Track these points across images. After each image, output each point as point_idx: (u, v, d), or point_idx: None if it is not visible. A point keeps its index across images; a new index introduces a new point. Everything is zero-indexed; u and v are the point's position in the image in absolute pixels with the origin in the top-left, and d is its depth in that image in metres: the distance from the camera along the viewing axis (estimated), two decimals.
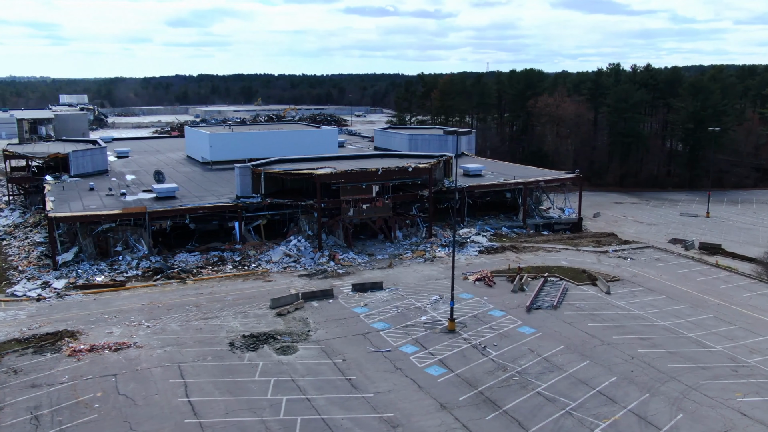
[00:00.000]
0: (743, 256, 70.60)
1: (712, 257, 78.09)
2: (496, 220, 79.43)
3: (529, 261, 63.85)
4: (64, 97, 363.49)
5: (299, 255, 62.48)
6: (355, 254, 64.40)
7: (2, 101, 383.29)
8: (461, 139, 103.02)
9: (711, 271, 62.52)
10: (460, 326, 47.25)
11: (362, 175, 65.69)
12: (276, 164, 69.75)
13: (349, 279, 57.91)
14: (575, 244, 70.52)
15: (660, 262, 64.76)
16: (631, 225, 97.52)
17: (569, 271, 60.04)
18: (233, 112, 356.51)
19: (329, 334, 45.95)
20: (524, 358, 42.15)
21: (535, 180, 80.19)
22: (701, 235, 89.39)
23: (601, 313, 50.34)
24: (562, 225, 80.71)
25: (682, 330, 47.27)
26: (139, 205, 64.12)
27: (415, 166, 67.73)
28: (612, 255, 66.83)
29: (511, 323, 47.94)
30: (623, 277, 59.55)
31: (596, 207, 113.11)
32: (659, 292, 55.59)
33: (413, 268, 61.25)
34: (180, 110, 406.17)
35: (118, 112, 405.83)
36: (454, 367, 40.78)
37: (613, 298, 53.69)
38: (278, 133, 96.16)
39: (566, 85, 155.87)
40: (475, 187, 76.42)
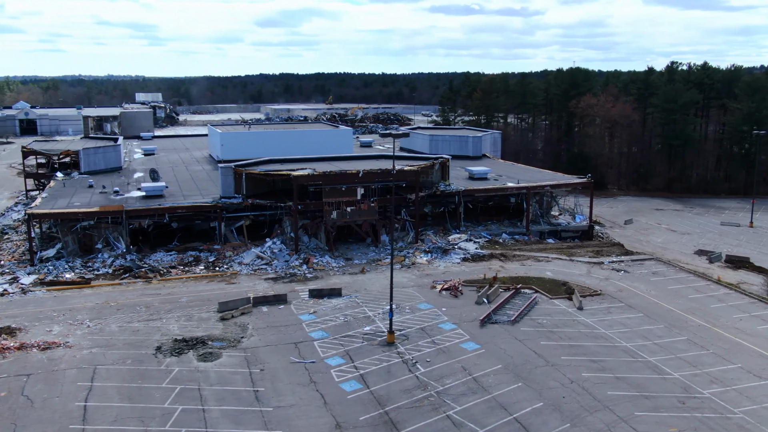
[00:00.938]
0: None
1: (736, 271, 72.51)
2: (498, 226, 76.03)
3: (513, 271, 60.52)
4: (140, 95, 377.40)
5: (272, 257, 61.46)
6: (333, 258, 62.86)
7: (88, 99, 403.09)
8: (483, 140, 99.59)
9: (709, 287, 57.42)
10: (401, 339, 44.98)
11: (342, 177, 64.04)
12: (262, 164, 69.00)
13: (315, 284, 56.41)
14: (571, 253, 66.45)
15: (656, 276, 60.06)
16: (662, 234, 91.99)
17: (548, 283, 56.45)
18: (302, 110, 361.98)
19: (262, 341, 44.64)
20: (452, 377, 39.54)
21: (540, 184, 76.18)
22: (736, 247, 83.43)
23: (562, 330, 46.85)
24: (570, 233, 76.42)
25: (643, 353, 43.33)
26: (124, 203, 64.73)
27: (399, 169, 65.50)
28: (606, 267, 62.53)
29: (456, 338, 45.25)
30: (607, 291, 55.48)
31: (633, 213, 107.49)
32: (639, 309, 51.37)
33: (385, 275, 59.06)
34: (252, 108, 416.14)
35: (193, 110, 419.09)
36: (372, 384, 38.66)
37: (584, 315, 49.97)
38: (291, 133, 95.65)
39: (617, 84, 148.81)
40: (473, 191, 73.31)
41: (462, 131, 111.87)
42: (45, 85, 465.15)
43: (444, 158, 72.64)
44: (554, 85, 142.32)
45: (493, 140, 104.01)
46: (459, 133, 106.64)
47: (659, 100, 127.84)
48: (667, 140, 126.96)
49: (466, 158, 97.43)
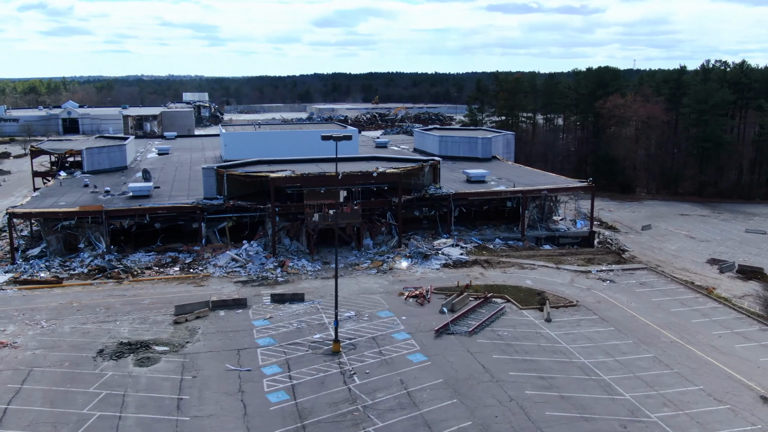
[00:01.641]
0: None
1: (746, 282, 68.80)
2: (493, 231, 73.70)
3: (492, 278, 58.32)
4: (187, 95, 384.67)
5: (248, 260, 60.83)
6: (310, 262, 61.85)
7: (141, 99, 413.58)
8: (494, 141, 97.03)
9: (696, 300, 54.04)
10: (348, 348, 43.60)
11: (321, 179, 62.95)
12: (249, 165, 68.53)
13: (282, 288, 55.50)
14: (560, 261, 63.72)
15: (642, 287, 56.92)
16: (678, 240, 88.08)
17: (522, 293, 54.12)
18: (346, 109, 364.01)
19: (206, 347, 43.94)
20: (386, 391, 37.98)
21: (536, 188, 73.42)
22: (755, 256, 79.74)
23: (521, 343, 44.64)
24: (570, 239, 73.42)
25: (600, 371, 40.83)
26: (109, 203, 65.19)
27: (380, 172, 63.98)
28: (592, 276, 59.67)
29: (406, 349, 43.60)
30: (585, 302, 52.80)
31: (656, 219, 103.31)
32: (611, 322, 48.64)
33: (358, 280, 57.78)
34: (298, 108, 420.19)
35: (240, 109, 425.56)
36: (301, 395, 37.45)
37: (550, 327, 47.58)
38: (295, 133, 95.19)
39: (651, 84, 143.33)
40: (465, 194, 71.16)
41: (474, 132, 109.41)
42: (99, 84, 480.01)
43: (434, 160, 70.74)
44: (582, 85, 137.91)
45: (505, 142, 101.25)
46: (469, 134, 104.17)
47: (690, 100, 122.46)
48: (698, 142, 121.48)
49: (474, 160, 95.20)
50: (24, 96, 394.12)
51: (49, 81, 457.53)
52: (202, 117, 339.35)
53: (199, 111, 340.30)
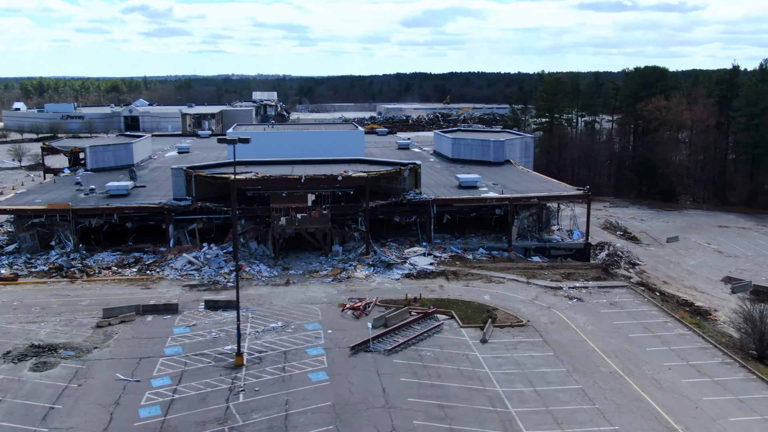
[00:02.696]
0: None
1: (755, 305, 62.38)
2: (480, 240, 69.77)
3: (450, 291, 54.79)
4: (256, 94, 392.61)
5: (204, 263, 59.67)
6: (270, 267, 60.10)
7: (218, 98, 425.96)
8: (507, 145, 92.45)
9: (664, 326, 48.71)
10: (253, 362, 41.53)
11: (283, 182, 61.06)
12: (223, 167, 67.44)
13: (224, 294, 53.95)
14: (534, 274, 59.29)
15: (610, 308, 51.96)
16: (702, 255, 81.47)
17: (471, 309, 50.43)
18: (413, 109, 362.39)
19: (112, 353, 42.89)
20: (264, 412, 35.70)
21: (525, 196, 68.87)
22: None
23: (439, 366, 41.27)
24: (562, 251, 68.51)
25: (509, 402, 37.08)
26: (84, 202, 65.66)
27: (346, 176, 61.40)
28: (562, 293, 55.07)
29: (312, 366, 41.11)
30: (537, 322, 48.61)
31: (689, 230, 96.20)
32: (553, 346, 44.40)
33: (308, 288, 55.56)
34: (368, 107, 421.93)
35: (311, 108, 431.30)
36: (174, 411, 35.69)
37: (481, 349, 43.91)
38: (300, 134, 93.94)
39: (706, 85, 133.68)
40: (446, 200, 67.61)
41: (493, 135, 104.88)
42: (178, 84, 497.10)
43: (415, 164, 67.48)
44: (627, 85, 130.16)
45: (524, 145, 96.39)
46: (484, 136, 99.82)
47: (740, 102, 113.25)
48: (747, 148, 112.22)
49: (486, 164, 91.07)
50: (107, 94, 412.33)
51: (131, 80, 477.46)
52: (267, 116, 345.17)
53: (264, 110, 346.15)
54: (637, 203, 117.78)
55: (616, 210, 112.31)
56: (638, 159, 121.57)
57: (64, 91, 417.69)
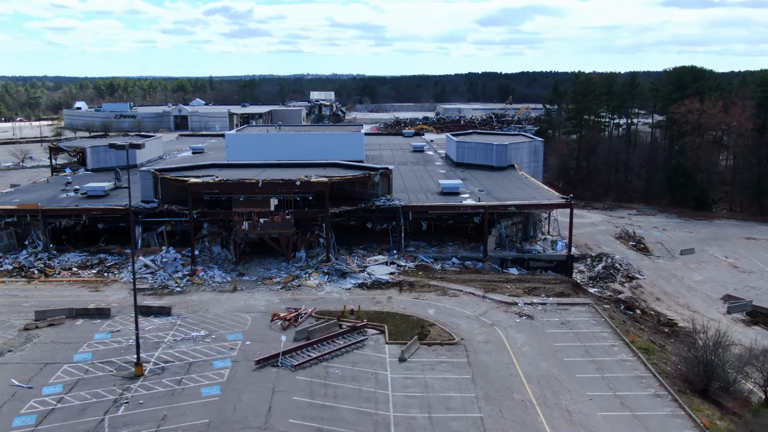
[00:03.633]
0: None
1: (749, 327, 57.85)
2: (456, 248, 66.93)
3: (397, 304, 52.51)
4: (314, 94, 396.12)
5: (160, 267, 59.37)
6: (226, 272, 59.28)
7: (282, 97, 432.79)
8: (511, 149, 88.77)
9: (608, 350, 44.92)
10: (155, 372, 40.64)
11: (240, 187, 59.99)
12: (197, 169, 67.13)
13: (174, 298, 53.46)
14: (493, 288, 56.16)
15: (559, 328, 48.43)
16: (713, 270, 76.44)
17: (407, 324, 48.08)
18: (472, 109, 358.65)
19: (24, 357, 42.97)
20: (135, 427, 34.77)
21: (501, 204, 65.51)
22: None
23: (341, 386, 39.25)
24: (542, 263, 64.82)
25: (396, 428, 34.82)
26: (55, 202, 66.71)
27: (305, 181, 59.82)
28: (513, 309, 51.82)
29: (210, 379, 39.87)
30: (471, 341, 45.82)
31: (711, 241, 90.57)
32: (475, 368, 41.64)
33: (251, 296, 54.39)
34: (429, 107, 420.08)
35: (370, 108, 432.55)
36: (48, 422, 35.41)
37: (395, 368, 41.65)
38: (298, 136, 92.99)
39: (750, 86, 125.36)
40: (417, 207, 65.08)
41: (496, 138, 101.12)
42: (243, 83, 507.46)
43: (386, 169, 65.26)
44: (661, 86, 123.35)
45: (532, 150, 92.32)
46: (488, 140, 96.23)
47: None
48: None
49: (488, 168, 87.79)
50: (173, 94, 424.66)
51: (197, 79, 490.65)
52: (322, 115, 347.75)
53: (319, 110, 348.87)
54: (667, 211, 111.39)
55: (641, 218, 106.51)
56: (671, 165, 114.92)
57: (133, 91, 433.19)
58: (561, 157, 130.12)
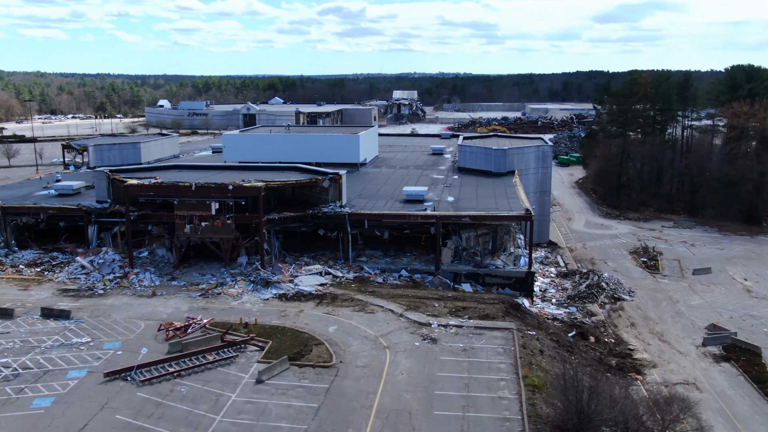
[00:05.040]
0: None
1: (714, 365, 51.95)
2: (411, 260, 63.16)
3: (303, 318, 49.72)
4: (396, 93, 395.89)
5: (95, 268, 59.42)
6: (158, 276, 58.52)
7: (370, 96, 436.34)
8: (510, 154, 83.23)
9: (492, 384, 40.10)
10: (8, 379, 40.20)
11: (174, 189, 58.94)
12: (153, 170, 66.95)
13: (93, 300, 53.24)
14: (418, 305, 52.05)
15: (457, 355, 43.95)
16: (719, 293, 69.53)
17: (295, 341, 45.29)
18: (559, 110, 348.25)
19: None
20: None
21: (456, 214, 60.95)
22: None
23: (176, 406, 37.21)
24: (499, 279, 59.91)
25: None
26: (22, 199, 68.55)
27: (237, 185, 57.95)
28: (422, 331, 47.67)
29: (52, 390, 38.99)
30: (350, 364, 42.47)
31: (736, 261, 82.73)
32: (332, 396, 38.37)
33: (165, 302, 53.22)
34: (518, 107, 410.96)
35: (457, 107, 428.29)
36: None
37: (247, 390, 39.13)
38: (295, 137, 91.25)
39: None
40: (364, 215, 61.74)
41: (511, 141, 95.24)
42: (332, 82, 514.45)
43: (336, 174, 62.31)
44: (712, 87, 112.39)
45: (540, 155, 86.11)
46: (488, 143, 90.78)
47: None
48: None
49: (486, 174, 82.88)
50: (264, 92, 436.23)
51: (287, 78, 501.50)
52: (401, 114, 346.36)
53: (398, 108, 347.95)
54: (709, 224, 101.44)
55: (673, 231, 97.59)
56: (716, 173, 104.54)
57: (226, 89, 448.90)
58: (602, 162, 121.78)
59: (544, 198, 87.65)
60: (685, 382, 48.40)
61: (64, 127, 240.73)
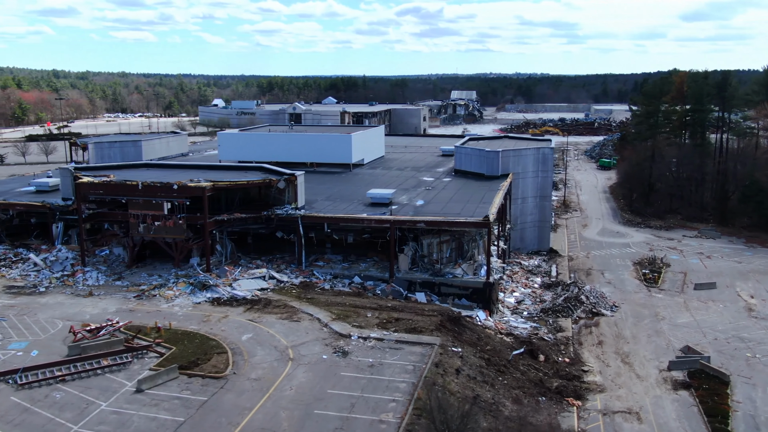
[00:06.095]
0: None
1: (670, 393, 47.31)
2: (369, 266, 60.44)
3: (222, 325, 47.88)
4: (455, 93, 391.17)
5: (47, 266, 59.46)
6: (106, 276, 58.01)
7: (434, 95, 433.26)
8: (505, 157, 79.01)
9: (379, 406, 36.97)
10: None
11: (122, 188, 58.17)
12: (121, 169, 66.71)
13: (24, 299, 53.10)
14: (349, 315, 49.26)
15: (360, 372, 40.96)
16: (716, 311, 65.95)
17: (201, 348, 43.51)
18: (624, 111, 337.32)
19: None
20: None
21: (410, 219, 57.68)
22: None
23: (39, 413, 36.07)
24: (455, 289, 56.40)
25: None
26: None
27: (182, 185, 56.63)
28: (338, 343, 44.95)
29: None
30: (244, 376, 40.33)
31: (751, 275, 77.04)
32: (204, 410, 36.30)
33: (96, 302, 52.49)
34: (583, 108, 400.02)
35: (520, 108, 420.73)
36: None
37: (124, 399, 37.51)
38: (288, 136, 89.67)
39: None
40: (319, 218, 59.34)
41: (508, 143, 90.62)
42: (394, 81, 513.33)
43: (292, 175, 60.20)
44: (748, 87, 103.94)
45: (540, 158, 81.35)
46: (493, 145, 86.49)
47: None
48: None
49: (479, 177, 79.15)
50: (326, 91, 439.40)
51: (349, 78, 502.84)
52: (456, 115, 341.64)
53: (453, 109, 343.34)
54: (736, 235, 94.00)
55: (693, 241, 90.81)
56: (745, 180, 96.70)
57: (288, 89, 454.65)
58: (630, 166, 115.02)
59: (545, 203, 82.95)
60: (627, 411, 43.77)
61: (117, 125, 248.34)
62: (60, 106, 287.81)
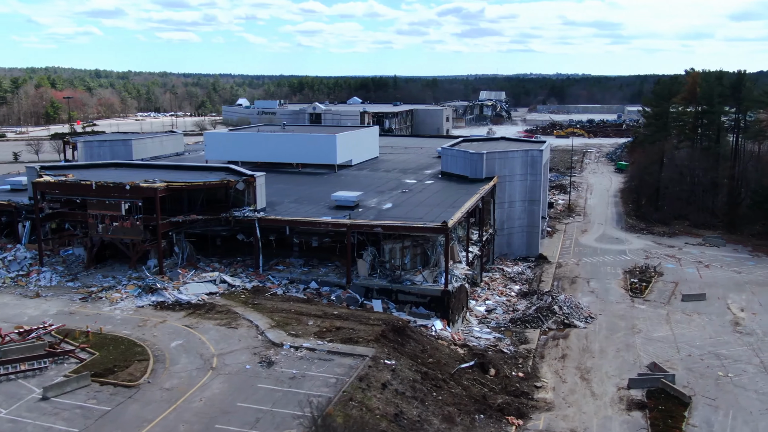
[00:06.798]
0: None
1: (621, 414, 44.44)
2: (328, 271, 58.59)
3: (155, 330, 46.54)
4: (483, 93, 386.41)
5: (5, 265, 59.02)
6: (61, 276, 57.34)
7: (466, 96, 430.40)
8: (490, 159, 76.28)
9: (284, 421, 35.13)
10: None
11: (77, 188, 57.36)
12: (88, 168, 66.12)
13: None
14: (290, 322, 47.41)
15: (277, 384, 39.13)
16: (697, 325, 63.41)
17: (126, 354, 42.27)
18: None
19: None
20: None
21: (367, 224, 55.53)
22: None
23: None
24: (413, 296, 54.12)
25: None
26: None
27: (134, 185, 55.50)
28: (269, 352, 43.16)
29: None
30: (156, 385, 38.88)
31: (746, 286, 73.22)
32: (103, 421, 34.92)
33: (39, 303, 51.72)
34: (617, 110, 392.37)
35: (551, 109, 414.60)
36: None
37: (26, 408, 36.37)
38: (274, 137, 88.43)
39: None
40: (276, 221, 57.67)
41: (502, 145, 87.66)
42: (425, 82, 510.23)
43: (251, 176, 58.67)
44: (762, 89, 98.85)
45: (528, 160, 78.35)
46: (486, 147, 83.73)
47: None
48: None
49: (463, 180, 76.73)
50: (355, 91, 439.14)
51: (380, 78, 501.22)
52: (483, 115, 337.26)
53: (480, 109, 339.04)
54: (742, 243, 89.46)
55: (694, 249, 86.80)
56: (753, 185, 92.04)
57: (318, 89, 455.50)
58: (637, 169, 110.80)
59: (533, 208, 79.90)
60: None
61: (142, 124, 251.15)
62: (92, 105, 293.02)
